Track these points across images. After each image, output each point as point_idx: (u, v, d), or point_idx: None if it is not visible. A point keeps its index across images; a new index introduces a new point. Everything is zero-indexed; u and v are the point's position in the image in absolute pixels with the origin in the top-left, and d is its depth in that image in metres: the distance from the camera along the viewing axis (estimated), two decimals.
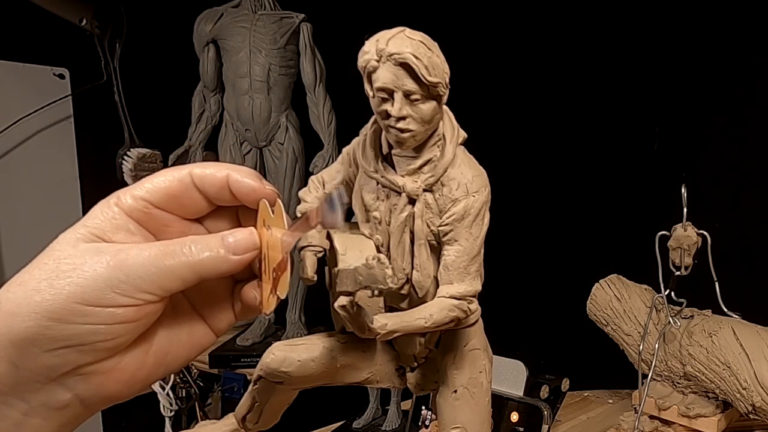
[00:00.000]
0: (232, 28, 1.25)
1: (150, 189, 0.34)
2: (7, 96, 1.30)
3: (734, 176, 1.11)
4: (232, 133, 1.30)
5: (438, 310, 0.51)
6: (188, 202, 0.35)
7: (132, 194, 0.34)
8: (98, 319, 0.31)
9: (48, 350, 0.30)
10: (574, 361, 1.16)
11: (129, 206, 0.34)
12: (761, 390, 0.84)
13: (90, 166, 1.43)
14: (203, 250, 0.33)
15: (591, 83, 1.24)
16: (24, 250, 0.33)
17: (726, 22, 1.10)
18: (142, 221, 0.34)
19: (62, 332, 0.30)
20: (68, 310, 0.30)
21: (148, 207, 0.34)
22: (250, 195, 0.35)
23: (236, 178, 0.34)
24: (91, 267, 0.31)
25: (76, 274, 0.31)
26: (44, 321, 0.30)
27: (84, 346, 0.31)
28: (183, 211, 0.35)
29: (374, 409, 1.07)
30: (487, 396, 0.60)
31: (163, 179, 0.34)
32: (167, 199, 0.34)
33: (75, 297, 0.30)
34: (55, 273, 0.31)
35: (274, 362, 0.57)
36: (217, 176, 0.34)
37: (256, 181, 0.35)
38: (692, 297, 0.93)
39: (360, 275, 0.45)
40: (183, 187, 0.34)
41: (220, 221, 0.37)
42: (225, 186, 0.34)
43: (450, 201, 0.52)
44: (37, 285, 0.30)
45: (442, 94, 0.49)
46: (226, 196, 0.35)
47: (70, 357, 0.31)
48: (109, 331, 0.31)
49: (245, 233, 0.34)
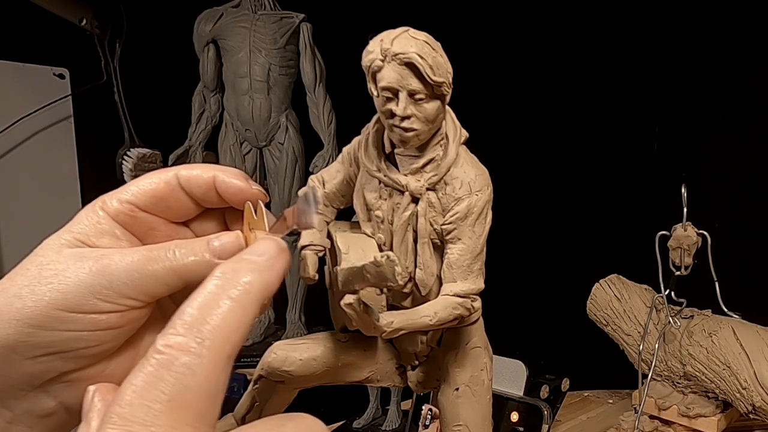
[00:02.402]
0: (232, 28, 1.25)
1: (136, 192, 0.33)
2: (7, 96, 1.30)
3: (734, 176, 1.11)
4: (232, 133, 1.30)
5: (442, 308, 0.52)
6: (175, 205, 0.34)
7: (118, 198, 0.33)
8: (80, 325, 0.30)
9: (30, 357, 0.30)
10: (574, 361, 1.16)
11: (114, 210, 0.33)
12: (761, 390, 0.84)
13: (90, 166, 1.43)
14: (188, 255, 0.32)
15: (591, 83, 1.24)
16: (24, 250, 0.32)
17: (726, 22, 1.10)
18: (127, 225, 0.33)
19: (44, 339, 0.30)
20: (49, 316, 0.29)
21: (134, 210, 0.33)
22: (236, 195, 0.34)
23: (222, 178, 0.34)
24: (73, 273, 0.30)
25: (58, 280, 0.30)
26: (25, 328, 0.29)
27: (67, 353, 0.30)
28: (170, 214, 0.35)
29: (374, 408, 1.07)
30: (488, 394, 0.60)
31: (149, 182, 0.34)
32: (153, 202, 0.34)
33: (56, 303, 0.29)
34: (37, 279, 0.30)
35: (276, 361, 0.57)
36: (204, 177, 0.34)
37: (243, 181, 0.34)
38: (692, 297, 0.93)
39: (368, 273, 0.45)
40: (169, 189, 0.34)
41: (207, 224, 0.36)
42: (211, 187, 0.34)
43: (453, 200, 0.52)
44: (19, 291, 0.30)
45: (445, 93, 0.49)
46: (212, 198, 0.34)
47: (53, 364, 0.30)
48: (92, 337, 0.30)
49: (231, 237, 0.33)
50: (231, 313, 0.27)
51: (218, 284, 0.27)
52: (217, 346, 0.26)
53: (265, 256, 0.29)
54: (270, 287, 0.29)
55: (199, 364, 0.25)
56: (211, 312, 0.26)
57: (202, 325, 0.26)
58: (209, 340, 0.25)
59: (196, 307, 0.26)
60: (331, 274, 0.58)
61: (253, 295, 0.28)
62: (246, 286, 0.28)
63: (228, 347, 0.26)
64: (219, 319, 0.26)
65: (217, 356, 0.26)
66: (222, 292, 0.27)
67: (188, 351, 0.25)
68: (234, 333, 0.26)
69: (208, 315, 0.26)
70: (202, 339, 0.25)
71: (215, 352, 0.26)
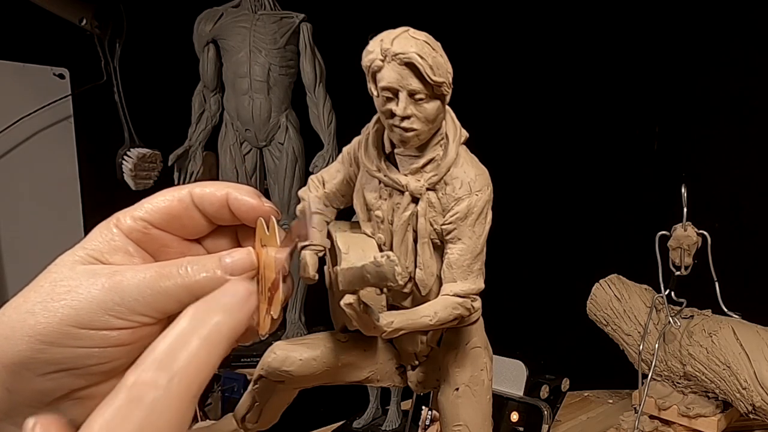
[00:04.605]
0: (232, 28, 1.25)
1: (149, 209, 0.34)
2: (7, 96, 1.30)
3: (734, 176, 1.11)
4: (232, 133, 1.30)
5: (442, 308, 0.52)
6: (188, 222, 0.35)
7: (132, 215, 0.33)
8: (92, 342, 0.30)
9: (41, 374, 0.30)
10: (574, 361, 1.16)
11: (128, 227, 0.33)
12: (761, 390, 0.84)
13: (90, 166, 1.43)
14: (200, 271, 0.32)
15: (591, 83, 1.24)
16: (24, 250, 0.32)
17: (726, 22, 1.10)
18: (141, 242, 0.34)
19: (55, 356, 0.30)
20: (62, 333, 0.29)
21: (148, 227, 0.33)
22: (249, 213, 0.34)
23: (236, 196, 0.34)
24: (86, 289, 0.30)
25: (71, 297, 0.30)
26: (37, 344, 0.29)
27: (78, 369, 0.30)
28: (183, 231, 0.35)
29: (374, 408, 1.07)
30: (488, 394, 0.60)
31: (163, 199, 0.34)
32: (167, 219, 0.34)
33: (69, 320, 0.30)
34: (50, 295, 0.30)
35: (276, 361, 0.57)
36: (217, 195, 0.34)
37: (256, 199, 0.34)
38: (692, 297, 0.93)
39: (368, 273, 0.45)
40: (183, 206, 0.34)
41: (219, 241, 0.36)
42: (224, 204, 0.34)
43: (453, 199, 0.52)
44: (32, 308, 0.30)
45: (445, 93, 0.49)
46: (225, 215, 0.35)
47: (63, 381, 0.30)
48: (103, 354, 0.30)
49: (242, 253, 0.33)
50: (200, 352, 0.28)
51: (189, 324, 0.29)
52: (185, 384, 0.27)
53: (236, 297, 0.31)
54: (238, 328, 0.30)
55: (166, 401, 0.26)
56: (181, 350, 0.27)
57: (172, 362, 0.27)
58: (178, 377, 0.27)
59: (167, 345, 0.27)
60: (331, 274, 0.57)
61: (222, 335, 0.29)
62: (216, 326, 0.29)
63: (195, 386, 0.27)
64: (188, 358, 0.27)
65: (185, 394, 0.27)
66: (193, 332, 0.28)
67: (156, 387, 0.26)
68: (202, 372, 0.28)
69: (178, 353, 0.27)
70: (171, 377, 0.27)
71: (183, 389, 0.27)
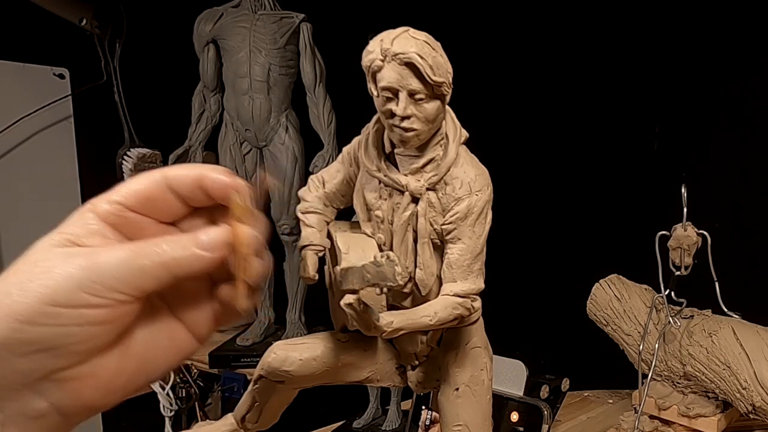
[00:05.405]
0: (232, 28, 1.25)
1: (124, 193, 0.34)
2: (7, 96, 1.30)
3: (734, 176, 1.11)
4: (232, 133, 1.30)
5: (442, 308, 0.52)
6: (163, 205, 0.35)
7: (107, 199, 0.34)
8: (69, 320, 0.30)
9: (20, 354, 0.30)
10: (574, 361, 1.16)
11: (104, 211, 0.34)
12: (761, 390, 0.84)
13: (90, 166, 1.43)
14: (176, 249, 0.33)
15: (591, 83, 1.24)
16: (24, 250, 0.32)
17: (726, 22, 1.10)
18: (117, 226, 0.34)
19: (33, 335, 0.30)
20: (39, 312, 0.30)
21: (123, 210, 0.34)
22: (222, 191, 0.35)
23: (208, 174, 0.35)
24: (62, 269, 0.31)
25: (47, 276, 0.30)
26: (15, 324, 0.30)
27: (57, 349, 0.31)
28: (158, 214, 0.35)
29: (374, 409, 1.07)
30: (488, 393, 0.60)
31: (138, 182, 0.34)
32: (142, 202, 0.34)
33: (45, 299, 0.30)
34: (27, 276, 0.31)
35: (276, 361, 0.57)
36: (189, 175, 0.35)
37: (229, 176, 0.35)
38: (692, 297, 0.93)
39: (368, 273, 0.45)
40: (157, 188, 0.34)
41: (195, 223, 0.37)
42: (198, 185, 0.35)
43: (453, 200, 0.52)
44: (9, 289, 0.30)
45: (445, 93, 0.49)
46: (199, 196, 0.35)
47: (43, 361, 0.31)
48: (81, 333, 0.31)
49: (218, 231, 0.34)
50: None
51: None
52: None
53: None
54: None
55: None
56: None
57: None
58: None
59: None
60: (331, 274, 0.58)
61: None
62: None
63: None
64: None
65: None
66: None
67: None
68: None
69: None
70: None
71: None
